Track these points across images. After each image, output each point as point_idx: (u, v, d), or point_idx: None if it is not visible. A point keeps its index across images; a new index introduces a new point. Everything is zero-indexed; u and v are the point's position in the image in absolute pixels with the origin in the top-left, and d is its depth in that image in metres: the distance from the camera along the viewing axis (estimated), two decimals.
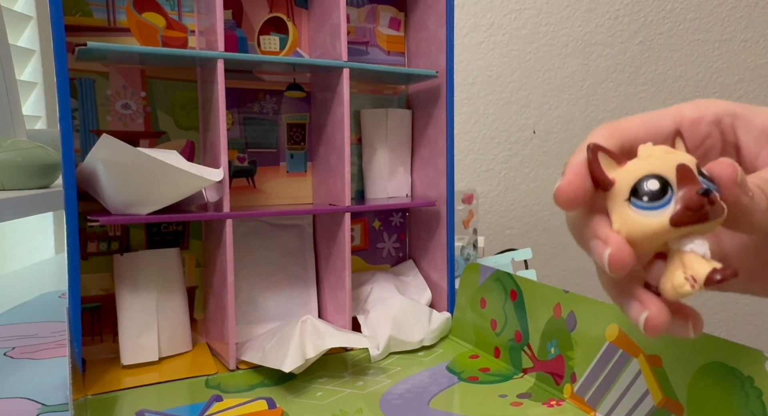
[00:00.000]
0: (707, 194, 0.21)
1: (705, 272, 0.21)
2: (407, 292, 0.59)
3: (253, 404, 0.41)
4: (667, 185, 0.22)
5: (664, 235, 0.22)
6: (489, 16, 1.22)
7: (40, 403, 0.42)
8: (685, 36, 1.36)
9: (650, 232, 0.22)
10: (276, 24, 0.57)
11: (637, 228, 0.23)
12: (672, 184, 0.22)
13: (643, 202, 0.23)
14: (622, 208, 0.23)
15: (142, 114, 0.52)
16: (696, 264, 0.22)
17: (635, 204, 0.23)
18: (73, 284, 0.43)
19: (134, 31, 0.51)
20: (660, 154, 0.23)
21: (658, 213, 0.22)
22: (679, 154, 0.23)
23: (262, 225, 0.57)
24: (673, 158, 0.23)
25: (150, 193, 0.44)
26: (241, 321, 0.54)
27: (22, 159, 0.67)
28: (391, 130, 0.60)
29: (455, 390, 0.44)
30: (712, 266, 0.21)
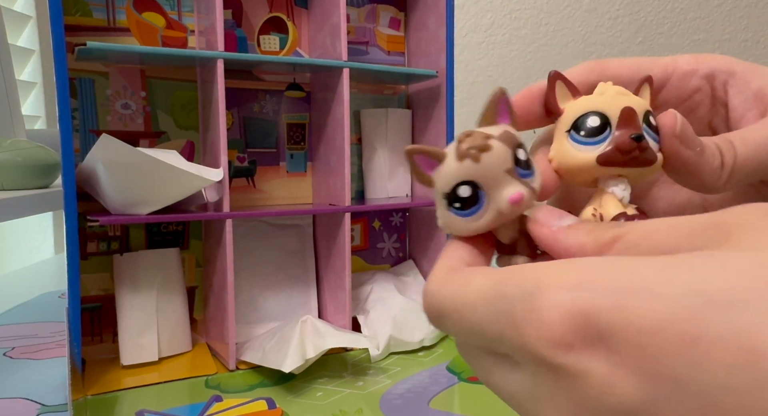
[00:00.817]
0: (639, 140, 0.21)
1: (613, 213, 0.22)
2: (407, 292, 0.59)
3: (253, 404, 0.41)
4: (607, 124, 0.22)
5: (591, 171, 0.23)
6: (489, 16, 1.22)
7: (39, 403, 0.41)
8: (686, 36, 1.36)
9: (576, 166, 0.22)
10: (276, 24, 0.57)
11: (567, 159, 0.23)
12: (612, 124, 0.22)
13: (580, 136, 0.23)
14: (562, 138, 0.23)
15: (142, 114, 0.52)
16: (609, 205, 0.22)
17: (572, 137, 0.23)
18: (73, 284, 0.43)
19: (134, 30, 0.51)
20: (612, 93, 0.23)
21: (589, 150, 0.22)
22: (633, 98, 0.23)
23: (262, 225, 0.57)
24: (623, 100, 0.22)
25: (150, 193, 0.44)
26: (241, 321, 0.54)
27: (22, 159, 0.67)
28: (391, 130, 0.60)
29: (455, 390, 0.44)
30: (621, 210, 0.22)
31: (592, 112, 0.22)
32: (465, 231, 0.21)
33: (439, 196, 0.21)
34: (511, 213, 0.20)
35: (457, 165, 0.20)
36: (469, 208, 0.21)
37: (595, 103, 0.23)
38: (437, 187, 0.21)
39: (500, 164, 0.20)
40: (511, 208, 0.20)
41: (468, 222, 0.21)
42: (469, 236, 0.22)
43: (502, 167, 0.20)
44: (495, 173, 0.20)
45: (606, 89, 0.23)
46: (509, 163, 0.20)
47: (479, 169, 0.20)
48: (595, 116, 0.22)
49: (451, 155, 0.21)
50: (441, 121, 0.58)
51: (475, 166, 0.20)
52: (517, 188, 0.20)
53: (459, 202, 0.21)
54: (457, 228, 0.21)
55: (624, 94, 0.23)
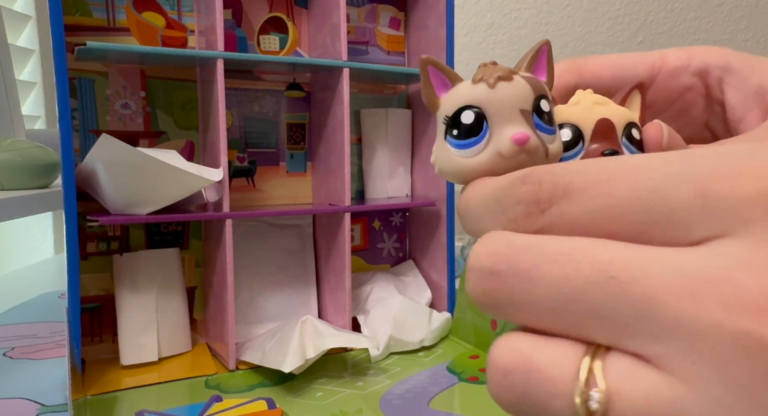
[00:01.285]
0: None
1: None
2: (407, 292, 0.59)
3: (253, 404, 0.41)
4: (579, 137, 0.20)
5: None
6: (489, 16, 1.22)
7: (39, 403, 0.41)
8: (686, 36, 1.36)
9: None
10: (276, 24, 0.57)
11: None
12: (586, 137, 0.20)
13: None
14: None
15: (142, 114, 0.52)
16: None
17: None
18: (73, 284, 0.43)
19: (134, 30, 0.51)
20: (588, 103, 0.21)
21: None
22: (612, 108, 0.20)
23: (261, 225, 0.57)
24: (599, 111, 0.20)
25: (150, 192, 0.44)
26: (241, 321, 0.54)
27: (22, 159, 0.67)
28: (391, 130, 0.60)
29: (455, 390, 0.44)
30: None
31: (564, 124, 0.20)
32: (457, 171, 0.19)
33: (440, 123, 0.19)
34: (511, 158, 0.18)
35: (469, 87, 0.18)
36: (468, 138, 0.18)
37: (568, 113, 0.21)
38: (441, 109, 0.19)
39: (516, 100, 0.18)
40: (513, 148, 0.17)
41: (462, 156, 0.18)
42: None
43: (517, 104, 0.18)
44: (508, 107, 0.18)
45: (582, 98, 0.21)
46: (527, 104, 0.18)
47: (492, 95, 0.18)
48: (567, 129, 0.20)
49: (466, 80, 0.19)
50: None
51: (488, 91, 0.18)
52: (525, 129, 0.18)
53: (458, 130, 0.18)
54: (449, 165, 0.19)
55: (602, 103, 0.21)
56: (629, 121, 0.20)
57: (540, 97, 0.18)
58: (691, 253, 0.12)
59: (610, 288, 0.13)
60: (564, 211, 0.15)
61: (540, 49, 0.20)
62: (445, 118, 0.19)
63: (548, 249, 0.14)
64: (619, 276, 0.13)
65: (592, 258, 0.13)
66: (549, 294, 0.14)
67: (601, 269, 0.13)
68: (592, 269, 0.13)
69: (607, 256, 0.13)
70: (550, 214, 0.15)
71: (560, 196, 0.15)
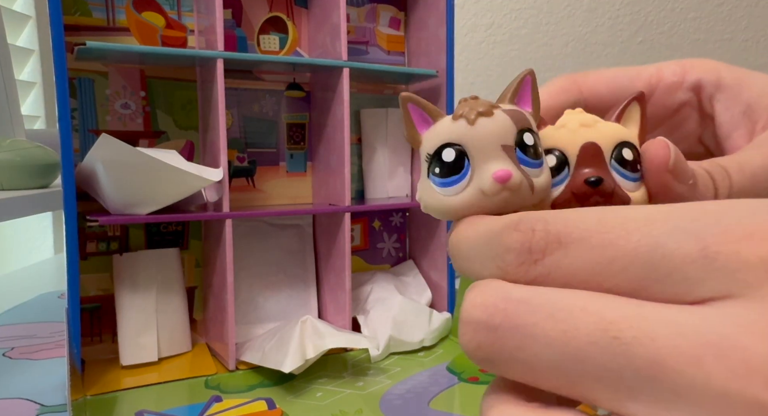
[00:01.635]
0: (596, 184, 0.18)
1: None
2: (407, 292, 0.59)
3: (253, 404, 0.41)
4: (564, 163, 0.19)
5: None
6: (489, 16, 1.22)
7: (39, 404, 0.41)
8: (686, 35, 1.36)
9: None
10: (276, 23, 0.57)
11: None
12: (571, 163, 0.19)
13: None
14: None
15: (142, 114, 0.52)
16: None
17: None
18: (73, 284, 0.43)
19: (134, 30, 0.51)
20: (574, 126, 0.19)
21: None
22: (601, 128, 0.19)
23: (261, 225, 0.57)
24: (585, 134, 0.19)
25: (150, 192, 0.44)
26: (241, 321, 0.54)
27: (21, 159, 0.67)
28: (391, 130, 0.60)
29: (455, 390, 0.44)
30: None
31: (549, 150, 0.19)
32: (441, 209, 0.18)
33: (423, 160, 0.19)
34: (494, 196, 0.17)
35: (449, 123, 0.18)
36: (450, 176, 0.18)
37: (553, 138, 0.19)
38: (423, 146, 0.19)
39: (497, 135, 0.17)
40: (495, 186, 0.17)
41: (445, 195, 0.18)
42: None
43: (498, 140, 0.17)
44: (488, 143, 0.17)
45: (568, 121, 0.20)
46: (509, 139, 0.17)
47: (472, 132, 0.17)
48: (552, 156, 0.19)
49: (447, 116, 0.18)
50: None
51: (468, 128, 0.17)
52: (507, 166, 0.17)
53: (440, 168, 0.18)
54: (433, 203, 0.18)
55: (588, 125, 0.19)
56: (620, 140, 0.19)
57: (523, 130, 0.18)
58: (695, 314, 0.12)
59: (613, 349, 0.12)
60: (560, 263, 0.14)
61: (523, 80, 0.19)
62: (426, 156, 0.18)
63: (547, 304, 0.14)
64: (622, 336, 0.12)
65: (593, 316, 0.13)
66: (547, 352, 0.13)
67: (604, 328, 0.12)
68: (594, 328, 0.13)
69: (609, 314, 0.13)
70: (544, 265, 0.14)
71: (555, 247, 0.14)
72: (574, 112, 0.20)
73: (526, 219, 0.15)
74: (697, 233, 0.12)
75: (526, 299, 0.14)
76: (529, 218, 0.15)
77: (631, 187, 0.19)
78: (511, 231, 0.15)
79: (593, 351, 0.12)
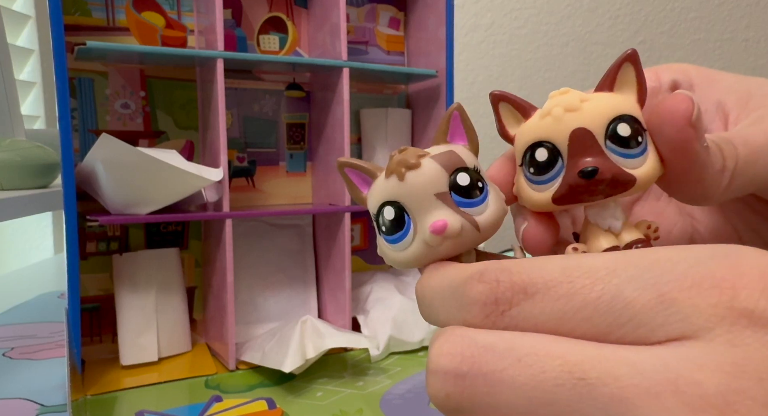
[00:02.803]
0: (591, 176, 0.17)
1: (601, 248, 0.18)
2: (407, 292, 0.59)
3: (253, 404, 0.41)
4: (557, 155, 0.18)
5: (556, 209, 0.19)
6: (489, 16, 1.22)
7: (38, 404, 0.41)
8: (686, 35, 1.36)
9: (538, 207, 0.19)
10: (275, 23, 0.57)
11: (527, 200, 0.19)
12: (563, 153, 0.18)
13: (531, 174, 0.19)
14: (519, 173, 0.20)
15: (141, 113, 0.52)
16: (594, 239, 0.19)
17: (525, 174, 0.19)
18: (73, 284, 0.43)
19: (133, 30, 0.51)
20: (559, 112, 0.18)
21: (544, 188, 0.18)
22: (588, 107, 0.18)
23: (261, 225, 0.57)
24: (572, 120, 0.18)
25: (150, 192, 0.44)
26: (241, 321, 0.54)
27: (21, 159, 0.67)
28: (391, 130, 0.60)
29: None
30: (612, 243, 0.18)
31: (538, 143, 0.18)
32: (397, 262, 0.18)
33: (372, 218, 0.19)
34: (438, 247, 0.17)
35: (383, 183, 0.18)
36: (395, 233, 0.18)
37: (540, 129, 0.18)
38: (368, 206, 0.19)
39: (429, 186, 0.17)
40: (435, 238, 0.17)
41: (396, 251, 0.18)
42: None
43: (431, 190, 0.17)
44: (422, 196, 0.17)
45: (552, 107, 0.18)
46: (442, 187, 0.17)
47: (403, 188, 0.17)
48: (542, 148, 0.18)
49: (382, 173, 0.18)
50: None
51: (399, 184, 0.17)
52: (443, 215, 0.17)
53: (384, 226, 0.18)
54: (389, 258, 0.18)
55: (574, 108, 0.18)
56: (614, 115, 0.18)
57: (457, 170, 0.17)
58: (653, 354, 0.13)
59: (579, 389, 0.13)
60: (527, 313, 0.14)
61: (451, 116, 0.19)
62: (373, 216, 0.18)
63: (513, 349, 0.14)
64: (587, 377, 0.13)
65: (558, 359, 0.13)
66: (517, 396, 0.13)
67: (569, 370, 0.13)
68: (561, 370, 0.13)
69: (573, 357, 0.13)
70: (511, 316, 0.15)
71: (521, 297, 0.14)
72: (558, 93, 0.19)
73: (490, 270, 0.15)
74: (654, 282, 0.13)
75: (492, 345, 0.14)
76: (492, 269, 0.15)
77: (635, 163, 0.18)
78: (475, 283, 0.15)
79: (561, 393, 0.13)
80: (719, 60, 1.39)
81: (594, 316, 0.13)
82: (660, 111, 0.18)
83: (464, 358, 0.14)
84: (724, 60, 1.39)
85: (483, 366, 0.14)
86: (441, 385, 0.15)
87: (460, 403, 0.14)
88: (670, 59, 1.35)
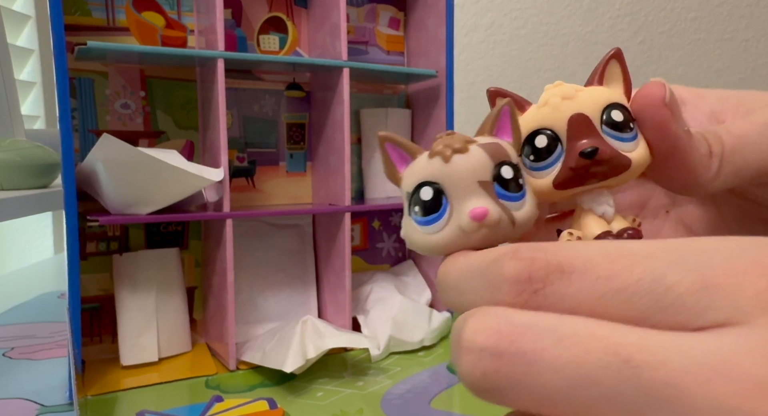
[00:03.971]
0: (591, 155, 0.18)
1: (594, 234, 0.19)
2: (407, 292, 0.59)
3: (254, 404, 0.41)
4: (557, 140, 0.19)
5: (555, 196, 0.19)
6: (489, 16, 1.22)
7: (38, 404, 0.41)
8: (686, 35, 1.36)
9: (538, 193, 0.19)
10: (275, 23, 0.57)
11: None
12: (563, 138, 0.19)
13: (530, 162, 0.19)
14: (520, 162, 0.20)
15: (142, 113, 0.52)
16: (589, 225, 0.19)
17: (525, 162, 0.20)
18: (73, 285, 0.43)
19: (133, 30, 0.51)
20: (556, 101, 0.19)
21: (544, 174, 0.19)
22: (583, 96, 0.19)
23: (261, 225, 0.57)
24: (569, 106, 0.19)
25: (150, 192, 0.44)
26: (241, 321, 0.54)
27: (21, 159, 0.67)
28: (391, 130, 0.60)
29: (456, 390, 0.44)
30: (604, 228, 0.19)
31: (537, 131, 0.19)
32: (424, 247, 0.18)
33: (404, 198, 0.19)
34: (473, 234, 0.17)
35: (425, 162, 0.18)
36: (429, 215, 0.18)
37: (538, 117, 0.19)
38: (402, 185, 0.19)
39: (474, 172, 0.17)
40: (472, 224, 0.17)
41: (425, 233, 0.18)
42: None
43: (475, 176, 0.17)
44: (465, 180, 0.17)
45: (549, 97, 0.19)
46: (486, 175, 0.17)
47: (447, 170, 0.17)
48: (542, 135, 0.19)
49: (425, 153, 0.18)
50: (441, 121, 0.58)
51: (444, 166, 0.17)
52: (484, 203, 0.17)
53: (419, 206, 0.18)
54: (415, 241, 0.18)
55: (570, 96, 0.19)
56: (607, 103, 0.19)
57: (501, 163, 0.18)
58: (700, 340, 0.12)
59: (625, 372, 0.12)
60: (561, 293, 0.14)
61: (501, 111, 0.19)
62: (406, 194, 0.18)
63: (554, 330, 0.13)
64: (633, 360, 0.12)
65: (603, 341, 0.13)
66: (558, 377, 0.13)
67: (615, 352, 0.13)
68: (606, 352, 0.13)
69: (618, 339, 0.13)
70: (545, 294, 0.14)
71: (556, 277, 0.14)
72: (553, 86, 0.20)
73: (525, 249, 0.15)
74: (697, 267, 0.13)
75: (531, 324, 0.14)
76: (527, 247, 0.15)
77: (629, 147, 0.19)
78: (507, 260, 0.15)
79: (605, 375, 0.13)
80: (719, 60, 1.39)
81: (633, 299, 0.13)
82: (638, 97, 0.19)
83: (502, 336, 0.14)
84: (725, 60, 1.39)
85: (523, 344, 0.13)
86: (477, 363, 0.14)
87: (496, 383, 0.14)
88: (670, 59, 1.35)
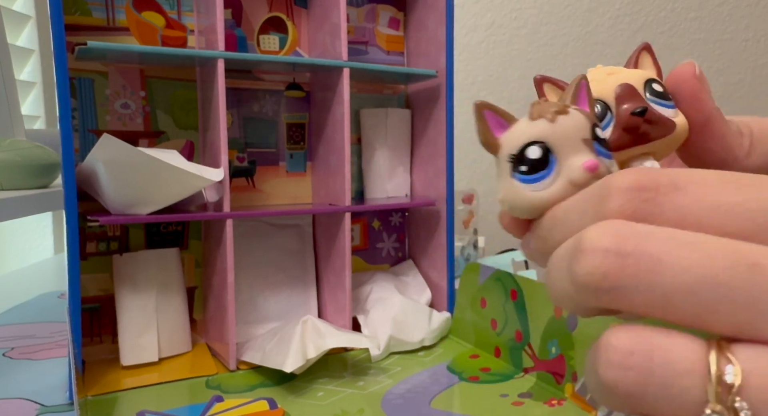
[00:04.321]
0: (642, 113, 0.20)
1: None
2: (407, 292, 0.59)
3: (255, 404, 0.41)
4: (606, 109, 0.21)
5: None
6: (489, 16, 1.22)
7: (39, 404, 0.41)
8: (686, 35, 1.36)
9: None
10: (275, 23, 0.57)
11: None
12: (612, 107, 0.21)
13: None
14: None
15: (142, 113, 0.52)
16: None
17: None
18: (73, 285, 0.43)
19: (134, 30, 0.51)
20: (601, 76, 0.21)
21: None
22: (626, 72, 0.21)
23: (261, 225, 0.57)
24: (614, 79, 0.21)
25: (150, 192, 0.44)
26: (241, 321, 0.54)
27: (21, 159, 0.67)
28: (391, 130, 0.60)
29: (456, 390, 0.44)
30: None
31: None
32: (527, 205, 0.19)
33: (504, 161, 0.20)
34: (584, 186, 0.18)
35: (529, 124, 0.19)
36: (537, 172, 0.19)
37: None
38: (503, 149, 0.20)
39: (577, 130, 0.19)
40: (585, 175, 0.18)
41: (533, 190, 0.19)
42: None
43: (579, 134, 0.19)
44: (570, 138, 0.19)
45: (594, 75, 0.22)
46: (587, 133, 0.19)
47: (554, 129, 0.19)
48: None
49: (524, 118, 0.20)
50: (441, 121, 0.58)
51: (550, 126, 0.19)
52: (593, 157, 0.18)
53: (526, 166, 0.19)
54: (519, 200, 0.19)
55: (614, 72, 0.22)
56: (647, 78, 0.21)
57: (594, 125, 0.19)
58: None
59: (751, 274, 0.13)
60: (674, 203, 0.14)
61: (579, 84, 0.20)
62: (509, 156, 0.19)
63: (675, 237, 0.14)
64: (759, 263, 0.13)
65: (727, 246, 0.13)
66: (682, 277, 0.13)
67: (741, 256, 0.13)
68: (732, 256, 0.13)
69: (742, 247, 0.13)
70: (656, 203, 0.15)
71: (669, 189, 0.15)
72: (595, 69, 0.22)
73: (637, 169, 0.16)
74: None
75: (653, 231, 0.14)
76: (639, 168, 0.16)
77: (671, 113, 0.21)
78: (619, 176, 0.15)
79: (731, 276, 0.13)
80: (719, 60, 1.39)
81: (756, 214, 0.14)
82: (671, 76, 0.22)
83: (627, 238, 0.14)
84: (724, 60, 1.39)
85: (648, 247, 0.14)
86: (600, 263, 0.14)
87: (618, 281, 0.14)
88: (670, 59, 1.34)
